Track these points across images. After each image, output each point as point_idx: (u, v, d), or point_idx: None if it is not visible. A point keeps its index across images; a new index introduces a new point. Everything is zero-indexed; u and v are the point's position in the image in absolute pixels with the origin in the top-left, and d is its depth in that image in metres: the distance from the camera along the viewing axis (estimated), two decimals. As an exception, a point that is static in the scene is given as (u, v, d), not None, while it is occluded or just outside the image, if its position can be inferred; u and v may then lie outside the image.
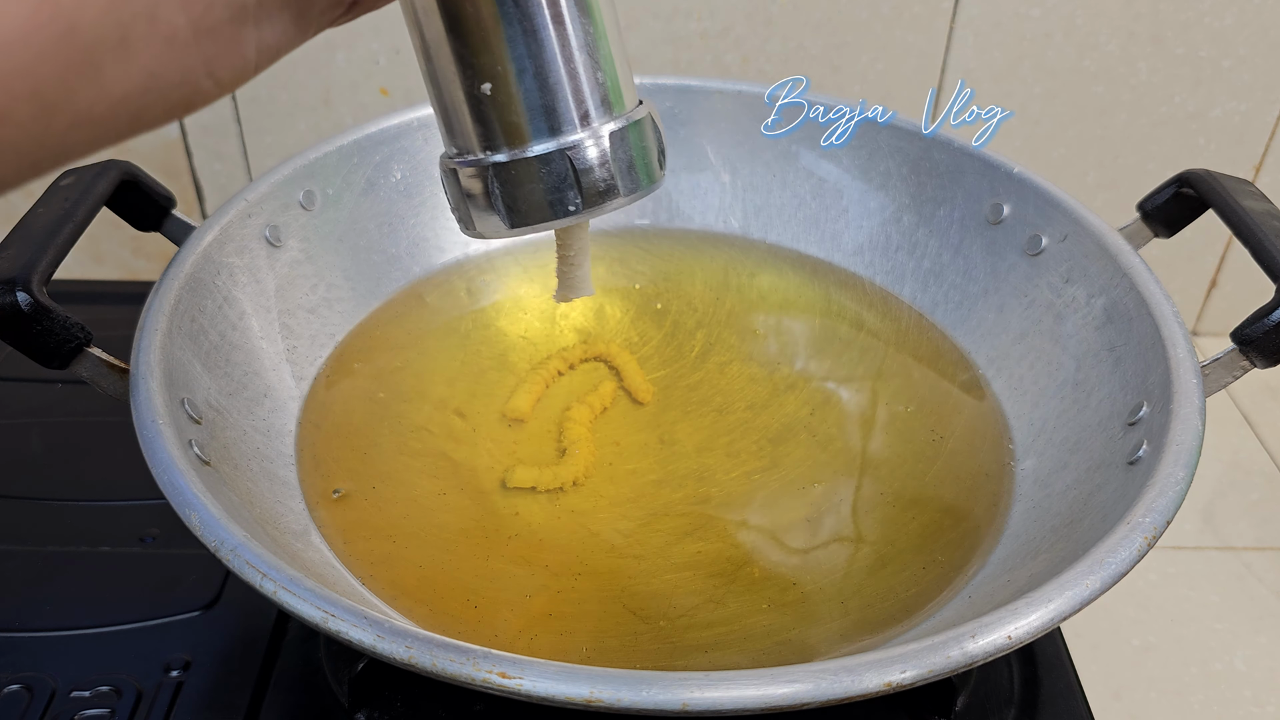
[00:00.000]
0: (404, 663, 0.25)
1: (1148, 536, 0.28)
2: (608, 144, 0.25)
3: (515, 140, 0.25)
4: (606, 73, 0.25)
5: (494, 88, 0.24)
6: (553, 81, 0.24)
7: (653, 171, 0.27)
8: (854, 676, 0.24)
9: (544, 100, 0.24)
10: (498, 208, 0.25)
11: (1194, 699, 0.49)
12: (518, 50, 0.24)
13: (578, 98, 0.24)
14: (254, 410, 0.39)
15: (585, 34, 0.24)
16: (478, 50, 0.24)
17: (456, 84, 0.24)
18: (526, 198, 0.25)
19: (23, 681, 0.36)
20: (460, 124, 0.25)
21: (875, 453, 0.41)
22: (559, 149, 0.25)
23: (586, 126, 0.25)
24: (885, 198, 0.50)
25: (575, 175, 0.25)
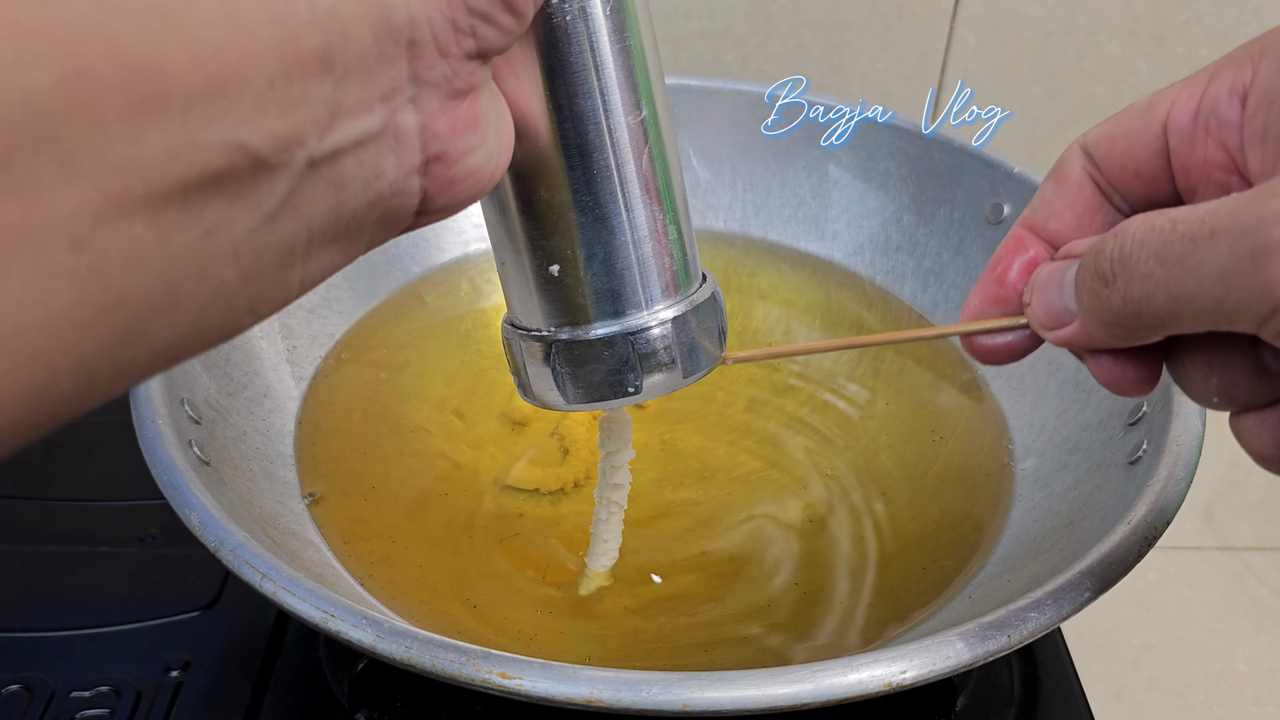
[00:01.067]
0: (404, 663, 0.25)
1: (1148, 537, 0.28)
2: (671, 329, 0.25)
3: (580, 320, 0.25)
4: (673, 256, 0.25)
5: (562, 270, 0.24)
6: (620, 267, 0.24)
7: (712, 352, 0.27)
8: (854, 676, 0.24)
9: (610, 285, 0.24)
10: (559, 383, 0.26)
11: (1194, 699, 0.49)
12: (588, 236, 0.24)
13: (644, 282, 0.25)
14: (254, 410, 0.39)
15: (655, 220, 0.24)
16: (548, 234, 0.24)
17: (525, 262, 0.25)
18: (587, 377, 0.25)
19: (22, 682, 0.36)
20: (527, 300, 0.25)
21: (875, 453, 0.41)
22: (623, 332, 0.25)
23: (651, 310, 0.25)
24: (885, 197, 0.50)
25: (637, 359, 0.25)
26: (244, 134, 0.14)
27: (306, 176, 0.16)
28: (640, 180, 0.24)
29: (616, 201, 0.24)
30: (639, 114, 0.23)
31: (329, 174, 0.16)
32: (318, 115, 0.15)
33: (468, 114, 0.18)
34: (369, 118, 0.16)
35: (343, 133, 0.16)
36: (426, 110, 0.18)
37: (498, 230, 0.25)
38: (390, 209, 0.18)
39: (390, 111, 0.17)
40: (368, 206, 0.17)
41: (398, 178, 0.18)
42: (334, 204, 0.17)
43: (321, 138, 0.16)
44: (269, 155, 0.15)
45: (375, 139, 0.17)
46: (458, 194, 0.19)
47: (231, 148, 0.14)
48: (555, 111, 0.22)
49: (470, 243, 0.52)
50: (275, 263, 0.16)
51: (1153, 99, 0.22)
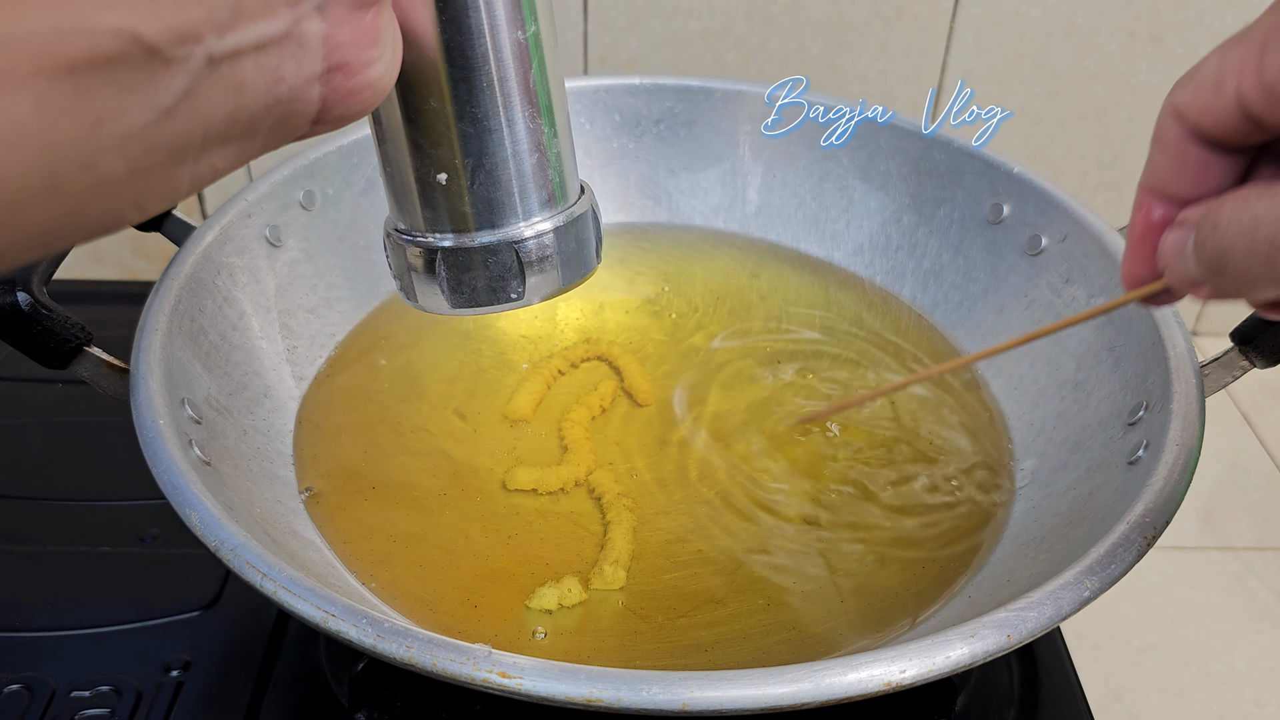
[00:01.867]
0: (404, 662, 0.25)
1: (1147, 536, 0.28)
2: (552, 238, 0.26)
3: (464, 228, 0.26)
4: (554, 169, 0.26)
5: (449, 179, 0.25)
6: (503, 177, 0.25)
7: (589, 261, 0.28)
8: (854, 676, 0.24)
9: (494, 194, 0.25)
10: (443, 288, 0.27)
11: (1194, 699, 0.49)
12: (473, 146, 0.25)
13: (525, 193, 0.26)
14: (254, 410, 0.39)
15: (538, 134, 0.25)
16: (436, 143, 0.24)
17: (410, 171, 0.25)
18: (471, 283, 0.26)
19: (23, 681, 0.36)
20: (411, 206, 0.26)
21: (875, 453, 0.41)
22: (506, 241, 0.26)
23: (531, 220, 0.26)
24: (885, 198, 0.50)
25: (520, 266, 0.26)
26: (137, 23, 0.14)
27: (205, 75, 0.16)
28: (524, 94, 0.25)
29: (500, 114, 0.24)
30: (524, 30, 0.24)
31: (228, 74, 0.16)
32: (219, 14, 0.16)
33: (370, 26, 0.19)
34: (273, 21, 0.17)
35: (244, 33, 0.16)
36: (332, 19, 0.18)
37: (385, 139, 0.25)
38: (287, 114, 0.18)
39: (296, 18, 0.17)
40: (265, 110, 0.17)
41: (298, 84, 0.18)
42: (232, 106, 0.17)
43: (221, 36, 0.16)
44: (164, 48, 0.15)
45: (278, 43, 0.17)
46: (354, 104, 0.19)
47: (124, 36, 0.14)
48: (445, 26, 0.23)
49: (470, 243, 0.52)
50: (166, 159, 0.16)
51: (1219, 72, 0.22)
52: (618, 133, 0.53)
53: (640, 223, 0.54)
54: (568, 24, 0.63)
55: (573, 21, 0.63)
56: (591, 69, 0.65)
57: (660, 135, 0.53)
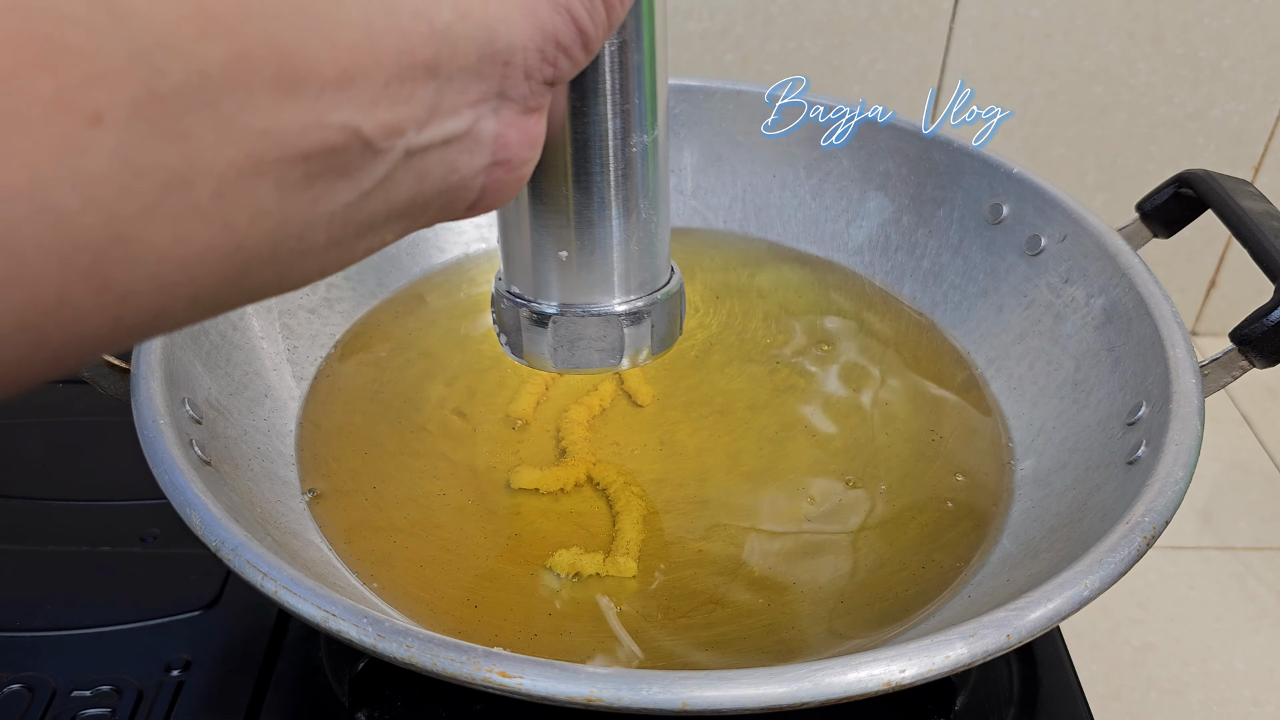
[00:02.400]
0: (404, 662, 0.25)
1: (1146, 536, 0.29)
2: (648, 314, 0.30)
3: (573, 301, 0.29)
4: (657, 254, 0.29)
5: (567, 256, 0.28)
6: (614, 259, 0.28)
7: (676, 332, 0.32)
8: (854, 676, 0.24)
9: (605, 273, 0.28)
10: (549, 351, 0.30)
11: (1193, 698, 0.49)
12: (593, 231, 0.28)
13: (630, 274, 0.29)
14: (255, 410, 0.39)
15: (648, 224, 0.28)
16: (560, 225, 0.27)
17: (530, 245, 0.28)
18: (576, 347, 0.30)
19: (23, 681, 0.36)
20: (527, 275, 0.29)
21: (874, 453, 0.41)
22: (611, 314, 0.29)
23: (630, 297, 0.29)
24: (885, 198, 0.51)
25: (621, 335, 0.29)
26: (360, 120, 0.17)
27: (401, 164, 0.18)
28: (642, 190, 0.28)
29: (618, 205, 0.27)
30: (647, 135, 0.27)
31: (418, 164, 0.19)
32: (419, 113, 0.18)
33: (534, 129, 0.21)
34: (459, 120, 0.19)
35: (436, 130, 0.19)
36: (504, 121, 0.20)
37: (510, 213, 0.28)
38: (453, 200, 0.20)
39: (475, 118, 0.19)
40: (437, 195, 0.20)
41: (468, 175, 0.20)
42: (414, 191, 0.19)
43: (419, 132, 0.18)
44: (376, 141, 0.17)
45: (459, 139, 0.19)
46: (504, 195, 0.22)
47: (348, 130, 0.17)
48: (578, 129, 0.26)
49: (470, 244, 0.52)
50: (355, 233, 0.18)
51: None
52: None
53: (640, 223, 0.54)
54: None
55: (573, 22, 0.63)
56: (591, 69, 0.65)
57: (660, 135, 0.53)
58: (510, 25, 0.19)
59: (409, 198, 0.19)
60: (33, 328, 0.14)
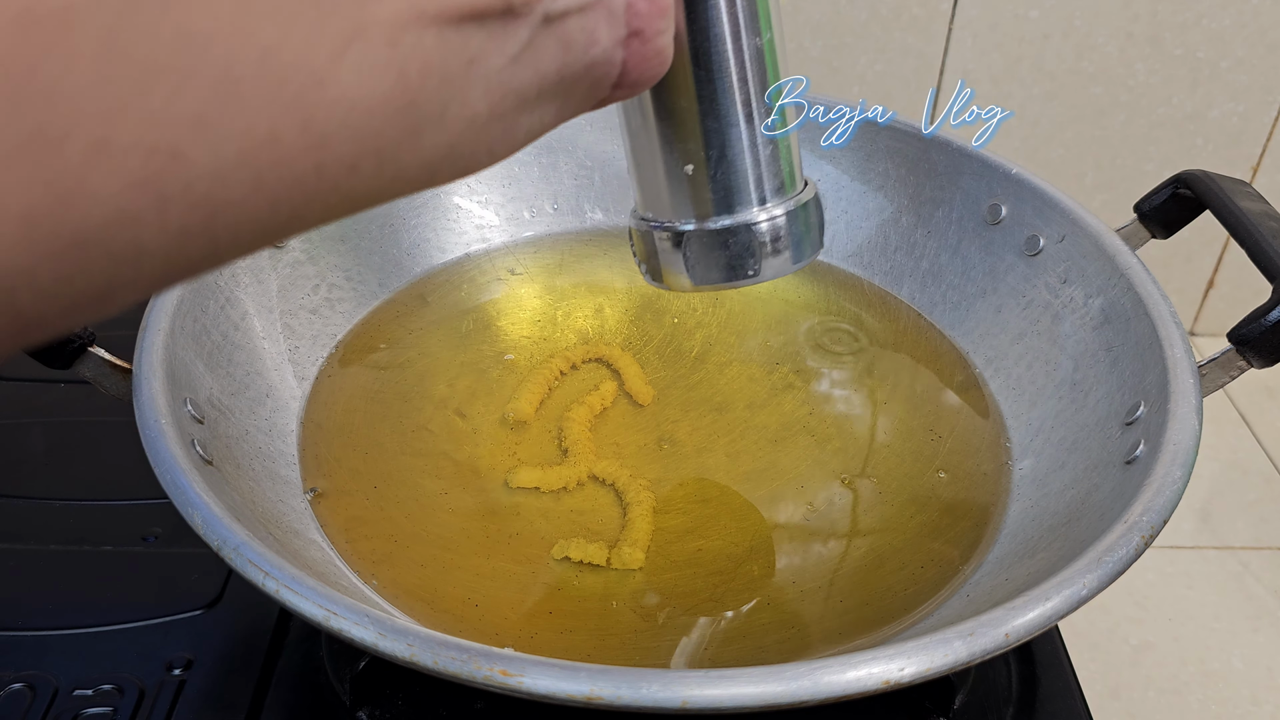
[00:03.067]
0: (405, 661, 0.25)
1: (1145, 536, 0.29)
2: (783, 222, 0.29)
3: (706, 214, 0.29)
4: (785, 160, 0.29)
5: (695, 169, 0.28)
6: (742, 168, 0.28)
7: (816, 243, 0.31)
8: (853, 674, 0.24)
9: (734, 182, 0.29)
10: (687, 267, 0.30)
11: (1191, 697, 0.49)
12: (718, 140, 0.28)
13: (761, 182, 0.29)
14: (256, 410, 0.39)
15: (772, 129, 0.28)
16: (685, 138, 0.28)
17: (660, 163, 0.29)
18: (713, 262, 0.30)
19: (25, 680, 0.37)
20: (660, 196, 0.29)
21: (873, 452, 0.41)
22: (745, 224, 0.29)
23: (765, 205, 0.29)
24: (884, 199, 0.51)
25: (756, 246, 0.29)
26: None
27: (541, 30, 0.19)
28: (761, 94, 0.28)
29: (739, 111, 0.27)
30: (760, 37, 0.27)
31: (558, 32, 0.20)
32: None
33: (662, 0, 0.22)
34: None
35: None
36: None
37: (638, 135, 0.29)
38: (598, 76, 0.21)
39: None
40: (583, 70, 0.21)
41: (608, 45, 0.21)
42: (560, 62, 0.20)
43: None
44: (517, 4, 0.18)
45: (593, 7, 0.20)
46: (646, 70, 0.22)
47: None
48: (693, 33, 0.26)
49: (471, 244, 0.52)
50: (512, 106, 0.19)
51: None
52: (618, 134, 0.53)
53: (640, 223, 0.54)
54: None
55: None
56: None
57: (660, 136, 0.54)
58: None
59: (557, 70, 0.20)
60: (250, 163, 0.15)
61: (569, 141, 0.53)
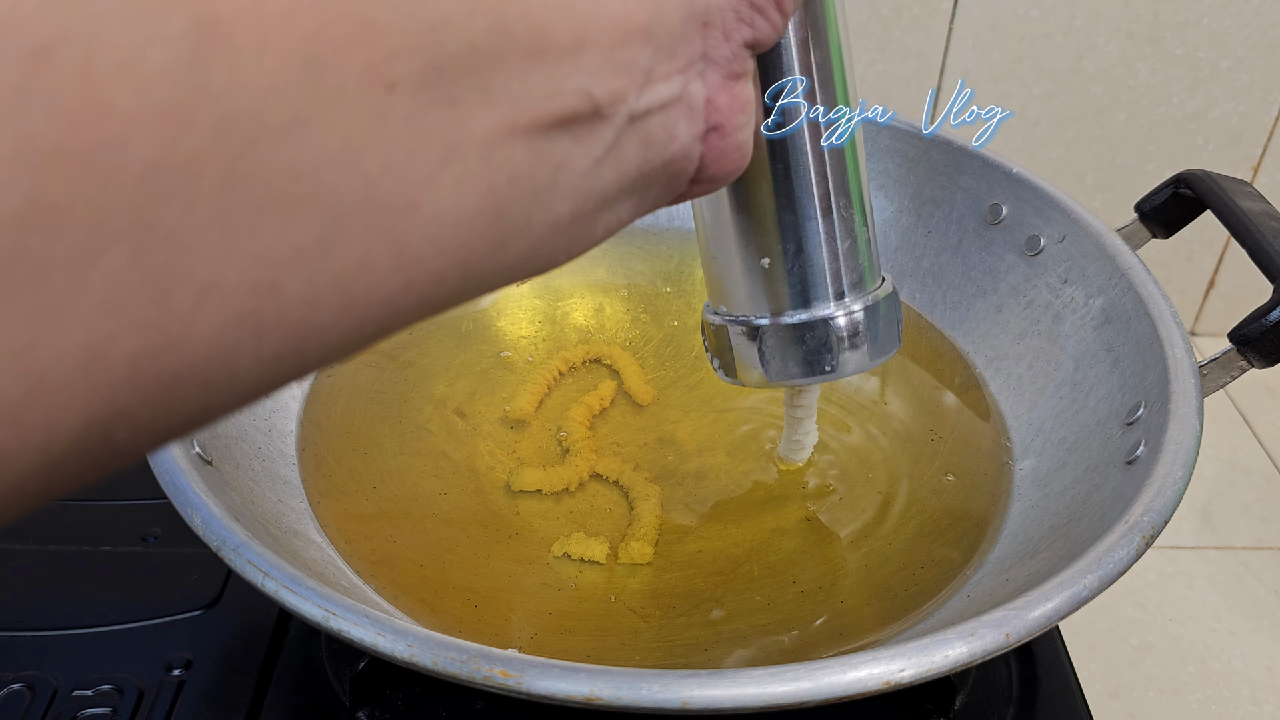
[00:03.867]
0: (405, 661, 0.25)
1: (1145, 536, 0.29)
2: (861, 318, 0.29)
3: (783, 308, 0.29)
4: (863, 255, 0.29)
5: (771, 263, 0.28)
6: (820, 262, 0.28)
7: (895, 339, 0.31)
8: (853, 675, 0.24)
9: (811, 276, 0.28)
10: (762, 362, 0.29)
11: (1192, 698, 0.49)
12: (795, 235, 0.27)
13: (838, 276, 0.28)
14: (255, 410, 0.39)
15: (850, 223, 0.28)
16: (762, 232, 0.27)
17: (737, 256, 0.28)
18: (789, 356, 0.29)
19: (25, 680, 0.37)
20: (735, 290, 0.29)
21: (873, 452, 0.41)
22: (822, 319, 0.29)
23: (842, 301, 0.29)
24: (884, 198, 0.51)
25: (835, 342, 0.29)
26: (591, 85, 0.18)
27: (625, 130, 0.19)
28: (840, 189, 0.27)
29: (817, 206, 0.27)
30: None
31: (640, 130, 0.19)
32: (638, 78, 0.19)
33: (742, 94, 0.22)
34: (671, 84, 0.20)
35: (653, 94, 0.19)
36: (711, 85, 0.21)
37: (714, 228, 0.28)
38: (677, 171, 0.21)
39: (686, 81, 0.20)
40: (662, 166, 0.20)
41: (687, 141, 0.21)
42: (641, 160, 0.20)
43: (639, 96, 0.19)
44: (604, 105, 0.18)
45: (674, 104, 0.20)
46: (725, 165, 0.22)
47: (582, 94, 0.18)
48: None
49: (471, 243, 0.52)
50: (594, 206, 0.19)
51: None
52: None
53: (641, 224, 0.54)
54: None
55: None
56: (591, 70, 0.65)
57: (660, 136, 0.53)
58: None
59: (637, 168, 0.20)
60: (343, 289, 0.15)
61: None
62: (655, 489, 0.39)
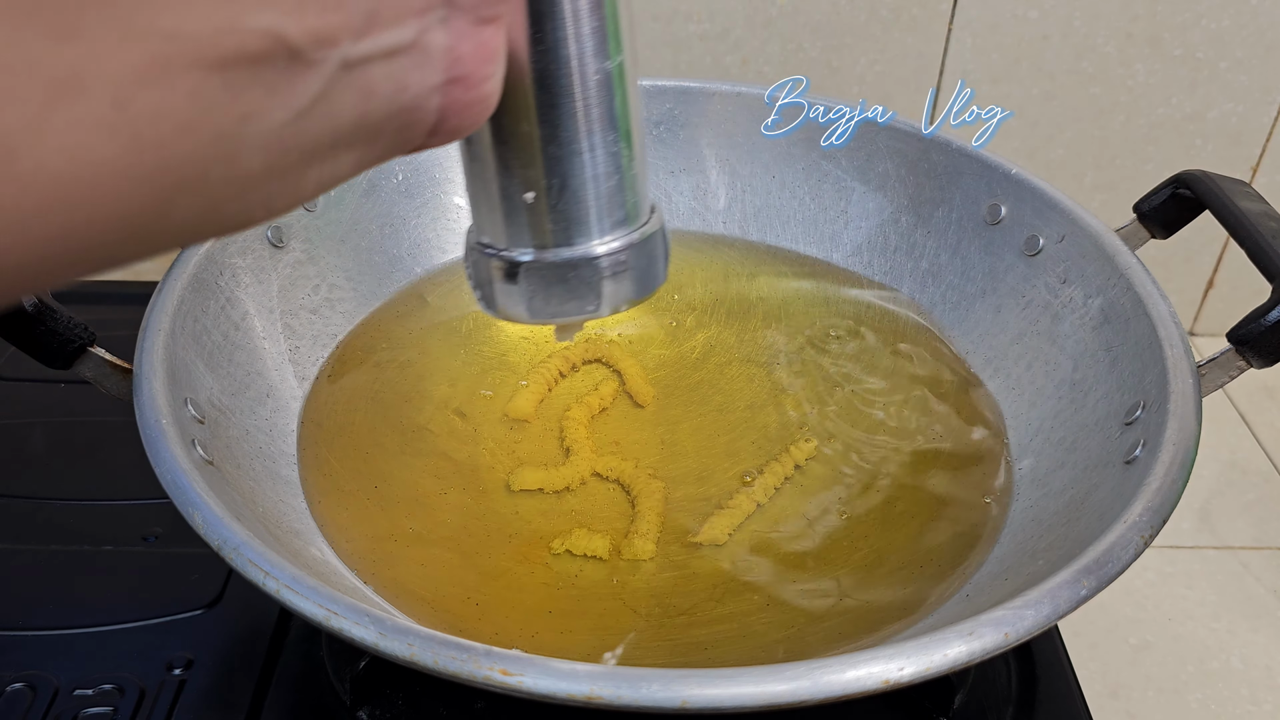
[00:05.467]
0: (406, 660, 0.25)
1: (1144, 536, 0.29)
2: (625, 254, 0.28)
3: (546, 244, 0.27)
4: (630, 190, 0.28)
5: (535, 197, 0.26)
6: (586, 197, 0.27)
7: (659, 275, 0.30)
8: (853, 674, 0.24)
9: (576, 213, 0.27)
10: (524, 299, 0.28)
11: (1191, 697, 0.49)
12: (560, 168, 0.26)
13: (603, 212, 0.27)
14: (257, 410, 0.40)
15: (618, 157, 0.27)
16: (525, 164, 0.26)
17: (498, 189, 0.27)
18: (551, 294, 0.28)
19: (26, 680, 0.37)
20: (497, 223, 0.27)
21: (873, 452, 0.41)
22: (585, 256, 0.27)
23: (608, 237, 0.27)
24: (884, 199, 0.51)
25: (597, 279, 0.28)
26: (284, 25, 0.15)
27: (338, 78, 0.17)
28: (608, 121, 0.26)
29: (584, 139, 0.26)
30: (610, 60, 0.25)
31: (359, 80, 0.17)
32: (355, 20, 0.16)
33: (490, 42, 0.20)
34: (402, 30, 0.17)
35: (376, 40, 0.17)
36: (455, 32, 0.19)
37: (475, 159, 0.27)
38: (408, 122, 0.19)
39: (422, 28, 0.18)
40: (389, 117, 0.18)
41: (420, 93, 0.19)
42: (361, 111, 0.18)
43: (356, 41, 0.17)
44: (306, 49, 0.16)
45: (405, 51, 0.18)
46: (467, 117, 0.20)
47: (271, 36, 0.15)
48: (538, 55, 0.24)
49: (471, 243, 0.52)
50: (298, 160, 0.17)
51: None
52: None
53: (640, 223, 0.54)
54: (568, 25, 0.63)
55: (573, 23, 0.63)
56: (591, 70, 0.65)
57: (660, 137, 0.54)
58: None
59: (356, 119, 0.18)
60: None
61: (569, 142, 0.53)
62: (659, 485, 0.39)
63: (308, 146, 0.17)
